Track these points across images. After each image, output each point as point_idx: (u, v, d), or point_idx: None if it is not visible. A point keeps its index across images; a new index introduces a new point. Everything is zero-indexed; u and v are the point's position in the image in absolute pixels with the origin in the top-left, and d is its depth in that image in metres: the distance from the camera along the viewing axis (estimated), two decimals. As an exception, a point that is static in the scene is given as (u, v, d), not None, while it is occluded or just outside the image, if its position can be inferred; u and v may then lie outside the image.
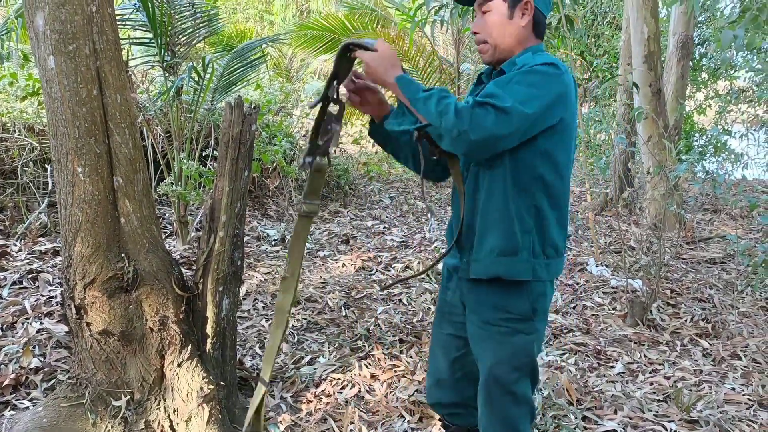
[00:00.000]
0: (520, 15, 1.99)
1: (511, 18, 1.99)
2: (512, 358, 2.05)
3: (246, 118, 2.73)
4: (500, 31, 2.01)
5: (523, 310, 2.03)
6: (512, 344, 2.05)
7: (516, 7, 1.99)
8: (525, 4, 1.98)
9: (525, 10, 1.99)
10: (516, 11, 1.99)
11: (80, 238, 2.49)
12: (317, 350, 3.75)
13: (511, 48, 2.02)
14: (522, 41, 2.02)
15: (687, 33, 7.98)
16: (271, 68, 13.15)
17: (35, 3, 2.32)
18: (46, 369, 3.10)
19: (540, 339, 2.11)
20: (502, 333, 2.05)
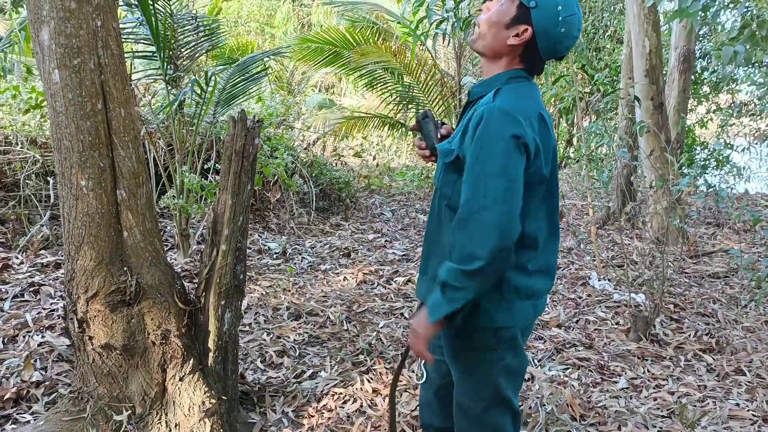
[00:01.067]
0: (514, 33, 1.86)
1: (507, 28, 1.86)
2: (477, 389, 1.99)
3: (249, 132, 2.73)
4: (490, 26, 1.90)
5: (483, 340, 1.93)
6: (476, 374, 1.98)
7: (516, 24, 1.85)
8: (524, 30, 1.85)
9: (520, 33, 1.85)
10: (513, 28, 1.86)
11: (83, 251, 2.49)
12: (319, 364, 3.73)
13: (490, 52, 1.92)
14: (502, 55, 1.91)
15: (689, 47, 7.99)
16: (272, 81, 13.20)
17: (41, 17, 2.32)
18: (47, 382, 3.08)
19: (510, 370, 1.99)
20: (468, 363, 1.99)
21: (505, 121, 1.73)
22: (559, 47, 1.87)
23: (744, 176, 8.49)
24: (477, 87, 1.95)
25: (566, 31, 1.84)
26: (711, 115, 11.36)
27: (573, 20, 1.84)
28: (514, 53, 1.90)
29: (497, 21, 1.89)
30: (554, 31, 1.83)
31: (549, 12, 1.82)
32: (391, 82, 9.90)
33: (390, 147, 13.23)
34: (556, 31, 1.83)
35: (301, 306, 4.58)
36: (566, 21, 1.82)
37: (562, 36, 1.84)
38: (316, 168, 8.05)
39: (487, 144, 1.73)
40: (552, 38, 1.85)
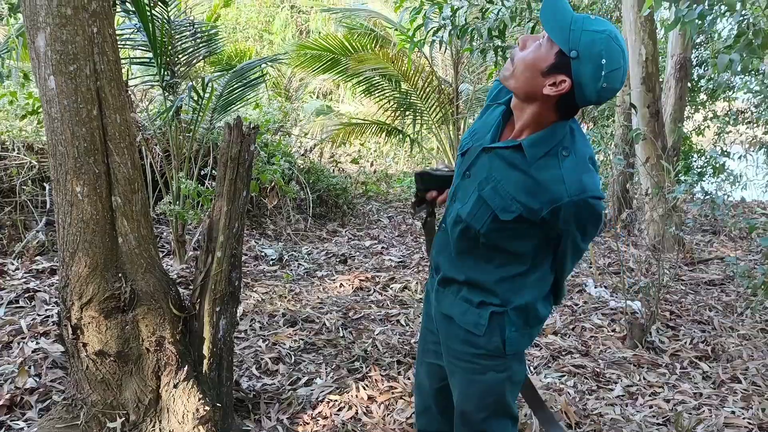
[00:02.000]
0: (550, 81, 1.69)
1: (543, 75, 1.69)
2: (481, 397, 1.99)
3: (245, 138, 2.73)
4: (525, 68, 1.73)
5: (492, 346, 1.94)
6: (481, 382, 1.98)
7: (554, 73, 1.68)
8: (561, 81, 1.68)
9: (557, 83, 1.69)
10: (551, 77, 1.69)
11: (78, 257, 2.48)
12: (314, 371, 3.72)
13: (522, 95, 1.78)
14: (535, 100, 1.76)
15: (685, 54, 8.02)
16: (270, 88, 13.21)
17: (37, 23, 2.33)
18: (41, 389, 3.07)
19: (514, 379, 2.01)
20: (471, 370, 1.99)
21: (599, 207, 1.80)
22: (597, 99, 1.71)
23: (740, 184, 8.49)
24: (533, 148, 1.78)
25: (608, 86, 1.66)
26: (708, 123, 11.38)
27: (617, 75, 1.66)
28: (549, 101, 1.74)
29: (533, 65, 1.71)
30: (594, 86, 1.66)
31: (592, 66, 1.64)
32: (388, 89, 9.92)
33: (387, 153, 13.24)
34: (596, 86, 1.66)
35: (297, 312, 4.58)
36: (609, 76, 1.65)
37: (603, 90, 1.68)
38: (314, 174, 8.06)
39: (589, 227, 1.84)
40: (591, 92, 1.68)
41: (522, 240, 1.86)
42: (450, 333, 2.03)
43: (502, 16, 5.91)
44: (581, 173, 1.74)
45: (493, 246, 1.89)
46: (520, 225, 1.82)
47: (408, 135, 10.10)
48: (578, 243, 1.87)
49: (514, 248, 1.88)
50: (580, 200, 1.72)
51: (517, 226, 1.82)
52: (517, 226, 1.82)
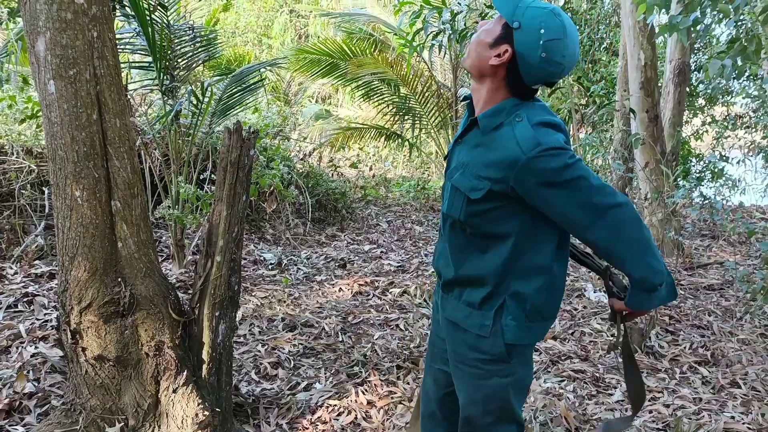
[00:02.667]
0: (495, 53, 1.81)
1: (490, 47, 1.83)
2: (486, 402, 1.99)
3: (244, 143, 2.73)
4: (477, 45, 1.87)
5: (495, 351, 1.94)
6: (486, 387, 1.98)
7: (499, 44, 1.81)
8: (504, 51, 1.80)
9: (501, 53, 1.81)
10: (496, 48, 1.82)
11: (77, 262, 2.48)
12: (313, 376, 3.72)
13: (475, 71, 1.89)
14: (485, 75, 1.87)
15: (683, 60, 8.03)
16: (269, 92, 13.22)
17: (37, 28, 2.33)
18: (40, 394, 3.07)
19: (520, 384, 2.01)
20: (476, 375, 1.99)
21: (562, 156, 1.75)
22: (541, 73, 1.81)
23: (739, 188, 8.51)
24: (485, 118, 1.88)
25: (547, 56, 1.77)
26: (706, 127, 11.39)
27: (556, 45, 1.77)
28: (497, 75, 1.85)
29: (483, 40, 1.85)
30: (534, 55, 1.77)
31: (531, 35, 1.77)
32: (387, 93, 9.93)
33: (386, 158, 13.25)
34: (536, 55, 1.77)
35: (296, 317, 4.57)
36: (547, 45, 1.76)
37: (543, 61, 1.78)
38: (313, 179, 8.06)
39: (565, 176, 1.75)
40: (531, 62, 1.79)
41: (504, 221, 1.86)
42: (456, 338, 2.03)
43: (502, 21, 5.91)
44: (535, 132, 1.78)
45: (480, 234, 1.91)
46: (495, 204, 1.85)
47: (407, 139, 10.11)
48: (571, 198, 1.76)
49: (499, 231, 1.88)
50: (537, 154, 1.74)
51: (493, 207, 1.85)
52: (493, 206, 1.85)
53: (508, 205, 1.84)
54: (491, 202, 1.84)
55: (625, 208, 1.75)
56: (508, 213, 1.85)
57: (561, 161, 1.73)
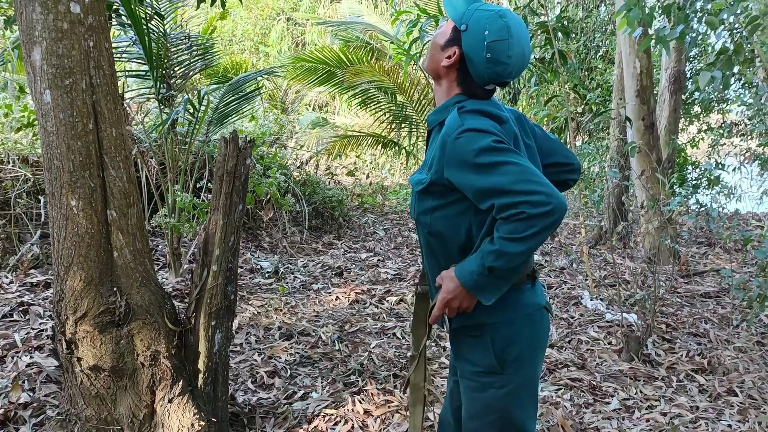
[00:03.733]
0: (446, 54, 1.90)
1: (442, 49, 1.91)
2: (484, 415, 1.96)
3: (241, 152, 2.73)
4: (432, 47, 1.96)
5: (487, 362, 1.92)
6: (482, 400, 1.95)
7: (449, 46, 1.90)
8: (453, 53, 1.89)
9: (451, 55, 1.89)
10: (447, 50, 1.90)
11: (72, 271, 2.48)
12: (310, 385, 3.71)
13: (432, 72, 1.97)
14: (440, 77, 1.95)
15: (679, 68, 8.07)
16: (266, 100, 13.23)
17: (33, 38, 2.33)
18: (35, 404, 3.05)
19: (520, 393, 1.95)
20: (473, 388, 1.97)
21: (481, 135, 1.74)
22: (488, 72, 1.86)
23: (735, 196, 8.53)
24: (432, 115, 1.97)
25: (492, 57, 1.83)
26: (702, 135, 11.43)
27: (501, 46, 1.82)
28: (450, 76, 1.93)
29: (436, 42, 1.95)
30: (479, 56, 1.84)
31: (476, 36, 1.84)
32: (384, 101, 9.94)
33: (383, 165, 13.26)
34: (481, 55, 1.83)
35: (293, 326, 4.56)
36: (492, 47, 1.82)
37: (489, 61, 1.84)
38: (309, 187, 8.06)
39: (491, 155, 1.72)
40: (477, 63, 1.85)
41: (454, 219, 1.87)
42: (457, 352, 2.03)
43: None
44: (461, 116, 1.81)
45: (437, 234, 1.92)
46: (440, 200, 1.87)
47: (404, 147, 10.11)
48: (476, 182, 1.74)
49: (452, 231, 1.88)
50: (458, 135, 1.76)
51: (440, 204, 1.88)
52: (439, 202, 1.88)
53: (452, 200, 1.86)
54: (435, 196, 1.88)
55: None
56: (454, 209, 1.86)
57: (479, 143, 1.74)
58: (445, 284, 1.86)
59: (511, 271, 1.77)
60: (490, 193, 1.72)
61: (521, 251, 1.70)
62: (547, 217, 1.66)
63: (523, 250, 1.70)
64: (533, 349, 1.96)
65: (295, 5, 19.69)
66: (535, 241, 1.69)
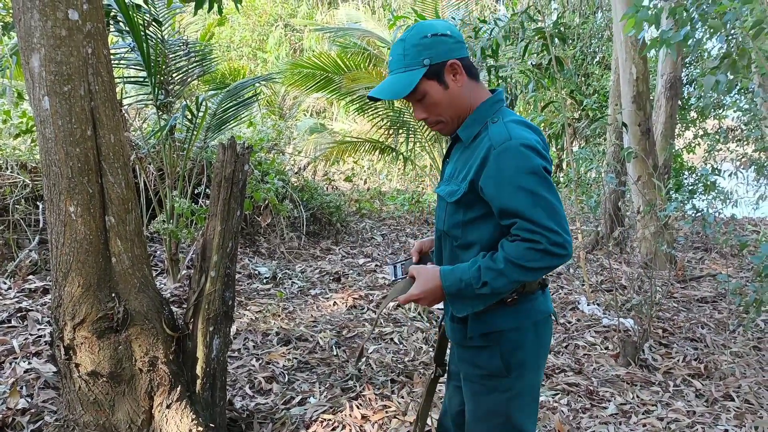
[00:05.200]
0: (452, 78, 1.90)
1: (447, 87, 1.90)
2: (488, 418, 1.98)
3: (238, 158, 2.75)
4: (448, 104, 1.93)
5: (493, 366, 1.93)
6: (486, 403, 1.97)
7: (444, 76, 1.90)
8: (450, 66, 1.89)
9: (453, 72, 1.90)
10: (447, 79, 1.90)
11: (71, 277, 2.48)
12: (308, 390, 3.71)
13: (464, 111, 1.95)
14: (469, 97, 1.94)
15: (675, 73, 8.10)
16: (263, 106, 13.25)
17: (31, 45, 2.34)
18: (33, 410, 3.05)
19: (523, 398, 1.97)
20: (477, 391, 1.99)
21: (531, 154, 1.77)
22: (462, 45, 1.94)
23: (731, 201, 8.54)
24: (464, 131, 1.95)
25: (451, 32, 1.91)
26: (698, 140, 11.46)
27: (441, 26, 1.91)
28: (467, 85, 1.94)
29: (440, 99, 1.92)
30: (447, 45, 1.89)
31: (435, 46, 1.87)
32: (381, 107, 9.95)
33: (381, 171, 13.27)
34: (449, 42, 1.90)
35: (291, 331, 4.57)
36: (441, 32, 1.89)
37: (454, 37, 1.91)
38: (307, 192, 8.07)
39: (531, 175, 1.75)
40: (458, 48, 1.92)
41: (483, 229, 1.88)
42: (460, 355, 2.04)
43: (495, 36, 5.96)
44: (508, 128, 1.83)
45: (464, 245, 1.93)
46: (474, 212, 1.88)
47: (401, 153, 10.13)
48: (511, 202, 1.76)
49: (478, 238, 1.89)
50: (503, 146, 1.78)
51: (473, 216, 1.89)
52: (472, 215, 1.89)
53: (484, 214, 1.87)
54: (469, 207, 1.88)
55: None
56: (486, 221, 1.87)
57: (522, 153, 1.76)
58: (422, 280, 1.89)
59: (498, 295, 1.83)
60: (518, 215, 1.75)
61: (520, 280, 1.77)
62: (556, 258, 1.73)
63: (522, 280, 1.77)
64: (537, 354, 1.98)
65: (293, 11, 19.73)
66: (535, 275, 1.76)
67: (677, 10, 3.90)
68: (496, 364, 1.93)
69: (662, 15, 4.06)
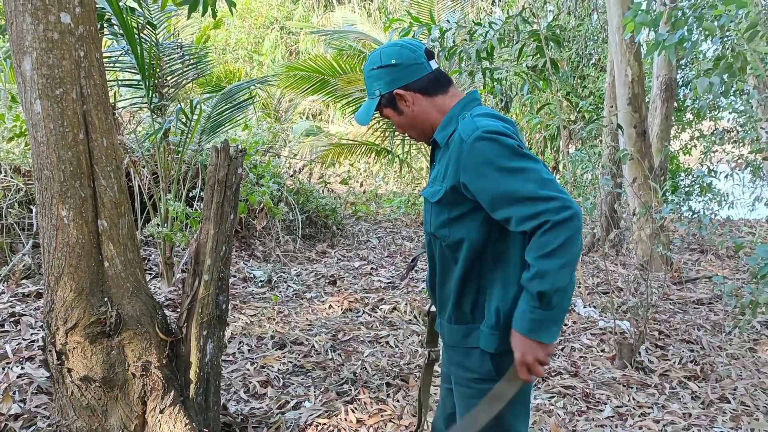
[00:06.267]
0: (404, 105, 1.98)
1: (401, 113, 1.99)
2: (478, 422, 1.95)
3: (232, 161, 2.73)
4: (408, 126, 2.03)
5: (484, 370, 1.92)
6: (477, 406, 1.94)
7: (397, 104, 1.99)
8: (398, 95, 1.97)
9: (403, 100, 1.97)
10: (400, 106, 1.98)
11: (63, 282, 2.47)
12: (303, 394, 3.70)
13: (429, 126, 2.01)
14: (429, 114, 1.99)
15: (670, 75, 8.10)
16: (259, 108, 13.23)
17: (23, 48, 2.33)
18: (26, 415, 3.04)
19: (511, 402, 1.90)
20: (468, 394, 1.98)
21: (500, 137, 1.77)
22: (411, 68, 1.96)
23: (727, 203, 8.56)
24: (438, 134, 1.98)
25: (396, 60, 1.95)
26: (694, 142, 11.47)
27: (387, 54, 1.97)
28: (425, 104, 1.98)
29: (399, 122, 2.03)
30: (392, 75, 1.96)
31: (382, 78, 1.97)
32: (377, 110, 9.94)
33: (377, 174, 13.26)
34: (394, 72, 1.95)
35: (286, 335, 4.55)
36: (385, 63, 1.96)
37: (399, 65, 1.95)
38: (303, 195, 8.06)
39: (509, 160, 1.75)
40: (404, 74, 1.96)
41: (468, 220, 1.88)
42: (451, 358, 2.04)
43: (490, 39, 5.96)
44: (474, 120, 1.85)
45: (452, 244, 1.92)
46: (457, 210, 1.88)
47: (397, 155, 10.13)
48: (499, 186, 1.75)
49: (466, 234, 1.88)
50: (471, 138, 1.79)
51: (457, 215, 1.88)
52: (456, 213, 1.88)
53: (470, 209, 1.86)
54: (453, 206, 1.88)
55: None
56: (472, 216, 1.86)
57: (495, 142, 1.77)
58: (513, 347, 1.83)
59: (561, 294, 1.73)
60: (509, 200, 1.73)
61: (560, 266, 1.69)
62: (569, 222, 1.68)
63: (562, 264, 1.69)
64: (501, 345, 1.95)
65: (289, 14, 19.74)
66: (569, 252, 1.69)
67: (673, 13, 3.91)
68: (487, 367, 1.92)
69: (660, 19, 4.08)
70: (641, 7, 4.05)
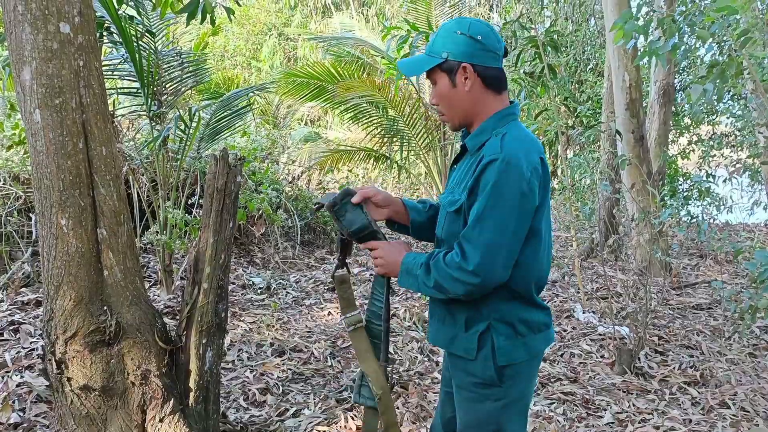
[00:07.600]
0: (462, 81, 1.93)
1: (454, 86, 1.94)
2: (479, 426, 1.98)
3: (231, 169, 2.74)
4: (449, 102, 1.98)
5: (486, 374, 1.93)
6: (479, 411, 1.97)
7: (456, 75, 1.93)
8: (463, 69, 1.92)
9: (465, 75, 1.92)
10: (457, 79, 1.93)
11: (62, 291, 2.47)
12: (302, 402, 3.70)
13: (467, 115, 1.99)
14: (476, 104, 1.96)
15: (668, 80, 8.12)
16: (258, 115, 13.25)
17: (22, 57, 2.33)
18: (25, 425, 3.03)
19: (515, 407, 1.98)
20: (470, 399, 1.99)
21: (517, 176, 1.79)
22: (490, 54, 1.93)
23: (725, 207, 8.56)
24: (470, 140, 1.98)
25: (483, 38, 1.91)
26: (693, 147, 11.49)
27: (477, 28, 1.92)
28: (477, 93, 1.95)
29: (445, 93, 1.97)
30: (471, 48, 1.91)
31: (459, 45, 1.91)
32: (375, 116, 9.95)
33: (375, 180, 13.27)
34: (474, 46, 1.91)
35: (285, 342, 4.55)
36: (472, 34, 1.91)
37: (483, 44, 1.91)
38: (302, 202, 8.05)
39: (502, 196, 1.80)
40: (482, 55, 1.92)
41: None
42: (453, 362, 2.04)
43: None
44: (503, 143, 1.86)
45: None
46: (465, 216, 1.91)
47: (396, 161, 10.13)
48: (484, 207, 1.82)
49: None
50: (491, 160, 1.82)
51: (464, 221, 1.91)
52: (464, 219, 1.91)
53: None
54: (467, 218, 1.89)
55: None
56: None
57: (512, 168, 1.79)
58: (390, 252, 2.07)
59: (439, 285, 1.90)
60: (478, 219, 1.82)
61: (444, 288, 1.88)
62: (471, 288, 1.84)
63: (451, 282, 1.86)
64: (531, 364, 1.99)
65: (287, 20, 19.78)
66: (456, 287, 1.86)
67: (665, 21, 3.92)
68: (490, 372, 1.92)
69: (651, 25, 4.09)
70: (632, 14, 4.06)
